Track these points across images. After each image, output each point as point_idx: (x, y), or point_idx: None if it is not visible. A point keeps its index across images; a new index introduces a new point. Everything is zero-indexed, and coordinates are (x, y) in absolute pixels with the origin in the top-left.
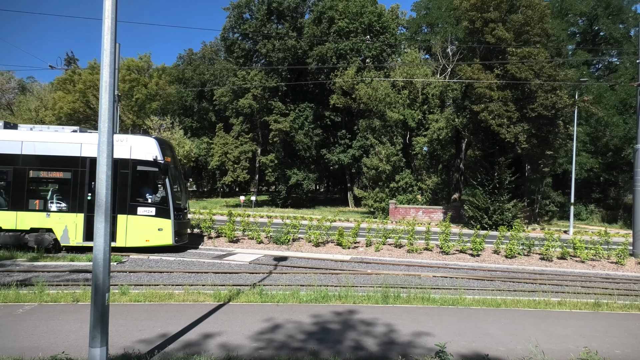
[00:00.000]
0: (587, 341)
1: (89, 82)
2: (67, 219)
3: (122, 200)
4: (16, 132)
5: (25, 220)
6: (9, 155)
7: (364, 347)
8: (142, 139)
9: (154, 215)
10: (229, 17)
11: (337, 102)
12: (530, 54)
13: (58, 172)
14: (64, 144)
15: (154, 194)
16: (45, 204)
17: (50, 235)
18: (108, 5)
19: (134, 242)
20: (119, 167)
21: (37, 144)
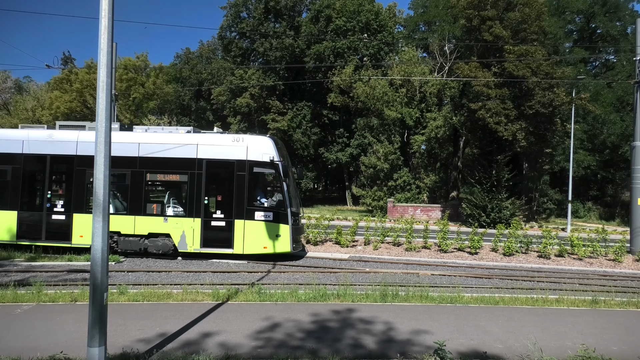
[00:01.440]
0: (585, 338)
1: (86, 82)
2: (184, 224)
3: (239, 205)
4: (133, 134)
5: (143, 225)
6: (127, 157)
7: (362, 346)
8: (258, 139)
9: (272, 220)
10: (226, 16)
11: (334, 101)
12: (527, 52)
13: (175, 174)
14: (180, 146)
15: (271, 197)
16: (162, 208)
17: (170, 241)
18: (105, 5)
19: (251, 249)
20: (236, 169)
21: (153, 145)
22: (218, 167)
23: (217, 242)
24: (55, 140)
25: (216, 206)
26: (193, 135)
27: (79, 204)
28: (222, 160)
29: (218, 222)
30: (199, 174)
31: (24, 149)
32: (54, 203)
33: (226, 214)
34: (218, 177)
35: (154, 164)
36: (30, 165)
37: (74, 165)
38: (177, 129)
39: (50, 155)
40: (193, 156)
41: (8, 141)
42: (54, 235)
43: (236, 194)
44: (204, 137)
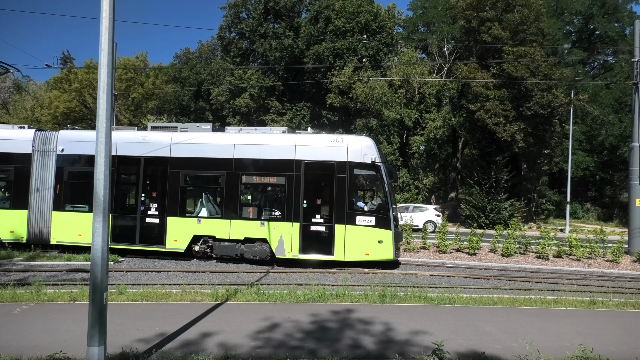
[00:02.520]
0: (583, 339)
1: (85, 81)
2: (282, 228)
3: (340, 209)
4: (228, 135)
5: (239, 230)
6: (222, 159)
7: (361, 346)
8: (359, 139)
9: (374, 225)
10: (226, 16)
11: (334, 102)
12: (526, 53)
13: (271, 177)
14: (277, 146)
15: (371, 201)
16: (259, 211)
17: (267, 247)
18: (105, 6)
19: (353, 256)
20: (335, 171)
21: (249, 146)
22: (317, 169)
23: (317, 248)
24: (149, 142)
25: (315, 210)
26: (291, 135)
27: (173, 207)
28: (322, 162)
29: (317, 227)
30: (297, 176)
31: (117, 150)
32: (148, 206)
33: (326, 218)
34: (317, 179)
35: (249, 165)
36: (124, 167)
37: (167, 167)
38: (270, 130)
39: (144, 157)
40: (291, 157)
41: None
42: (148, 239)
43: (336, 198)
44: (302, 137)
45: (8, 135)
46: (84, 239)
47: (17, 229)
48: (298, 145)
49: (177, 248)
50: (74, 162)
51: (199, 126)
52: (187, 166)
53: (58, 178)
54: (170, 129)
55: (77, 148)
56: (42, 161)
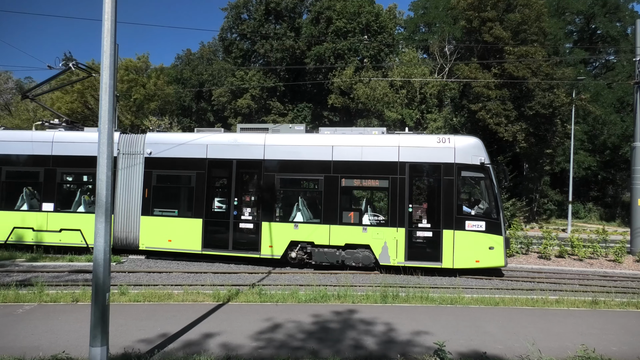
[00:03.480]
0: (585, 339)
1: (87, 83)
2: (386, 234)
3: (447, 213)
4: (325, 137)
5: (339, 235)
6: (320, 162)
7: (363, 346)
8: (467, 140)
9: (484, 230)
10: (227, 17)
11: (335, 102)
12: (527, 53)
13: (373, 180)
14: (379, 148)
15: (480, 204)
16: (360, 216)
17: (370, 253)
18: (108, 8)
19: (462, 263)
20: (442, 173)
21: (348, 148)
22: (423, 171)
23: (424, 255)
24: (241, 144)
25: (421, 215)
26: (393, 136)
27: (268, 211)
28: (428, 164)
29: (424, 233)
30: (401, 179)
31: (208, 153)
32: (241, 211)
33: (433, 223)
34: (422, 182)
35: (349, 168)
36: (215, 170)
37: (261, 170)
38: (367, 130)
39: (237, 160)
40: (394, 159)
41: (193, 145)
42: (242, 246)
43: (444, 201)
44: (406, 138)
45: (92, 138)
46: (174, 244)
47: None
48: (401, 147)
49: (273, 255)
50: (162, 165)
51: (291, 127)
52: (282, 169)
53: (146, 182)
54: (261, 130)
55: (165, 151)
56: (128, 164)
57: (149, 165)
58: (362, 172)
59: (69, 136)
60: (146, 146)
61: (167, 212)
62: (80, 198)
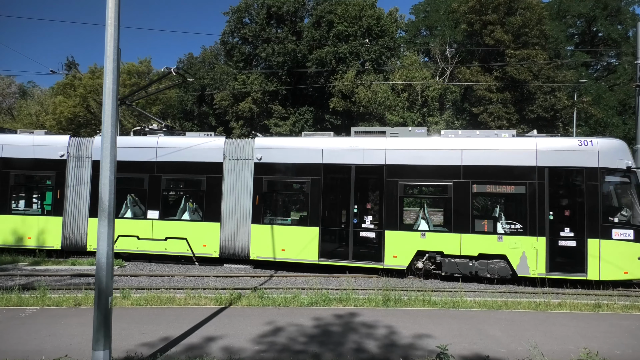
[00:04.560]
0: (588, 342)
1: (90, 87)
2: (524, 243)
3: (592, 221)
4: (452, 140)
5: (472, 245)
6: (448, 167)
7: (365, 350)
8: (611, 143)
9: (633, 239)
10: (229, 21)
11: (336, 106)
12: (528, 56)
13: (508, 185)
14: (513, 152)
15: (624, 211)
16: (494, 224)
17: (506, 264)
18: (111, 13)
19: (609, 275)
20: (586, 178)
21: (478, 152)
22: (564, 177)
23: (567, 266)
24: (360, 149)
25: (563, 223)
26: (529, 139)
27: (392, 219)
28: (569, 168)
29: (567, 242)
30: (540, 185)
31: (323, 158)
32: (362, 219)
33: (576, 232)
34: (563, 187)
35: (481, 173)
36: (332, 176)
37: (383, 176)
38: (492, 133)
39: (355, 165)
40: (531, 163)
41: (307, 150)
42: (363, 255)
43: (587, 209)
44: (543, 141)
45: (198, 143)
46: (288, 254)
47: (209, 242)
48: (539, 150)
49: (398, 265)
50: (273, 171)
51: (411, 130)
52: (406, 174)
53: (256, 188)
54: (377, 133)
55: (276, 156)
56: (236, 170)
57: (258, 171)
58: (496, 177)
59: (173, 142)
60: (255, 151)
61: (280, 220)
62: (185, 205)
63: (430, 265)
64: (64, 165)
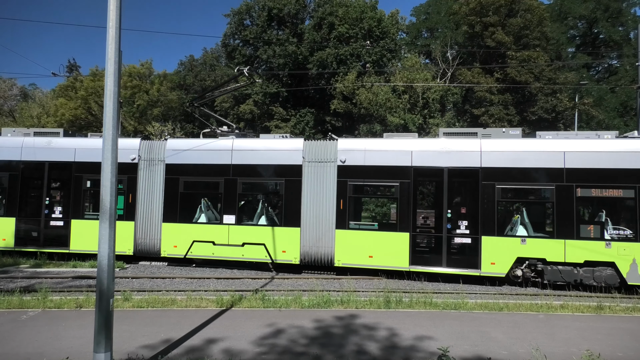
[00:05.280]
0: (590, 344)
1: (91, 89)
2: (634, 250)
3: None
4: (552, 142)
5: (577, 251)
6: (549, 169)
7: (366, 352)
8: None
9: None
10: (230, 23)
11: (337, 107)
12: (529, 58)
13: (616, 189)
14: (622, 154)
15: None
16: (601, 230)
17: (614, 271)
18: (112, 15)
19: None
20: None
21: (582, 154)
22: None
23: None
24: (452, 151)
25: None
26: (637, 140)
27: (489, 224)
28: None
29: None
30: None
31: (413, 161)
32: (456, 224)
33: None
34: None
35: (587, 176)
36: (423, 180)
37: (478, 179)
38: (591, 134)
39: (448, 168)
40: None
41: (395, 153)
42: (457, 262)
43: None
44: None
45: (275, 146)
46: (377, 260)
47: (289, 248)
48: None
49: (496, 273)
50: (359, 174)
51: (504, 131)
52: (503, 177)
53: (340, 192)
54: (469, 135)
55: (361, 158)
56: (316, 173)
57: (342, 174)
58: (602, 181)
59: (249, 144)
60: (339, 153)
61: (366, 226)
62: (262, 209)
63: (530, 273)
64: (135, 169)
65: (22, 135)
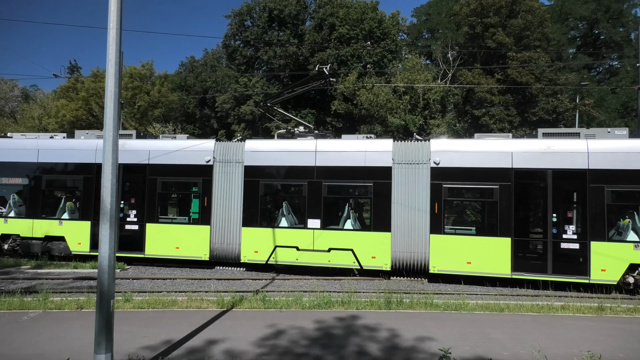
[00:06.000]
0: (591, 345)
1: (92, 90)
2: None
3: None
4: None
5: None
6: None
7: (367, 353)
8: None
9: None
10: (231, 24)
11: (338, 108)
12: (530, 59)
13: None
14: None
15: None
16: None
17: None
18: (113, 16)
19: None
20: None
21: None
22: None
23: None
24: (557, 152)
25: None
26: None
27: (598, 229)
28: None
29: None
30: None
31: (513, 162)
32: (563, 228)
33: None
34: None
35: None
36: (524, 182)
37: (585, 182)
38: None
39: (552, 170)
40: None
41: (493, 154)
42: (564, 269)
43: None
44: None
45: (362, 147)
46: (475, 267)
47: (378, 254)
48: None
49: (607, 280)
50: (455, 176)
51: (609, 131)
52: (612, 180)
53: (434, 195)
54: (570, 135)
55: (456, 160)
56: (407, 175)
57: (436, 176)
58: None
59: (332, 145)
60: (432, 155)
61: (463, 230)
62: (348, 213)
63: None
64: (210, 171)
65: (95, 137)
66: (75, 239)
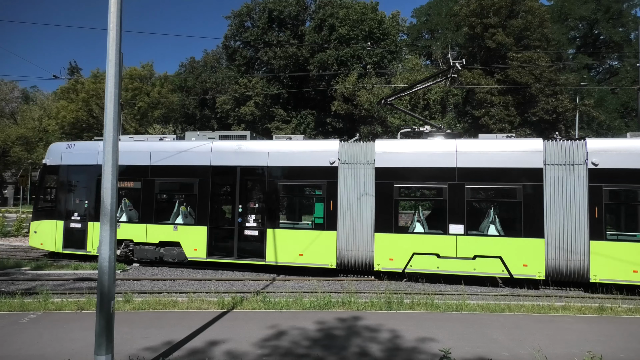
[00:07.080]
0: (592, 346)
1: (92, 91)
2: None
3: None
4: None
5: None
6: None
7: (368, 353)
8: None
9: None
10: (231, 25)
11: (338, 109)
12: (530, 59)
13: None
14: None
15: None
16: None
17: None
18: (113, 17)
19: None
20: None
21: None
22: None
23: None
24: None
25: None
26: None
27: None
28: None
29: None
30: None
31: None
32: None
33: None
34: None
35: None
36: None
37: None
38: None
39: None
40: None
41: None
42: None
43: None
44: None
45: (507, 147)
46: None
47: (531, 261)
48: None
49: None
50: (616, 178)
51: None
52: None
53: (594, 198)
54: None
55: (617, 161)
56: (560, 177)
57: (595, 178)
58: None
59: (474, 146)
60: (590, 155)
61: (628, 237)
62: (493, 217)
63: None
64: (335, 173)
65: (207, 139)
66: (191, 245)
